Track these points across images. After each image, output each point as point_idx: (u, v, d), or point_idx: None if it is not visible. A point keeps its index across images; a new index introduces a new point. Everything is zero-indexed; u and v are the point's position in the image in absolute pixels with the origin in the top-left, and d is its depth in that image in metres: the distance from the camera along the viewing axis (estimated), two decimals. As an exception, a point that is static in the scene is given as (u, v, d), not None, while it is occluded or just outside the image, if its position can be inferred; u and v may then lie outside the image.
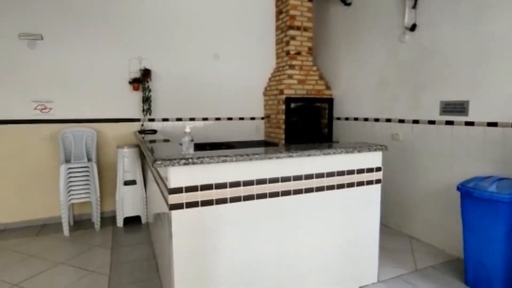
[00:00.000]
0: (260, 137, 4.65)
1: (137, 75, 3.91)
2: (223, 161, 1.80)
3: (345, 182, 2.23)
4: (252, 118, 4.60)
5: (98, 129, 3.79)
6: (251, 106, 4.57)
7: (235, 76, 4.42)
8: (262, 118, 4.66)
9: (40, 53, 3.56)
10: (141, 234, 3.44)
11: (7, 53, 3.45)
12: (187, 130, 1.85)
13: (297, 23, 4.24)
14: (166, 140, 2.97)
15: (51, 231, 3.50)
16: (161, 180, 2.06)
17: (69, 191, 3.40)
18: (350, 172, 2.24)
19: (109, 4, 3.79)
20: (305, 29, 4.30)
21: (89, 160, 3.63)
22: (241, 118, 4.52)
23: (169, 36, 4.07)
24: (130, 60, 3.91)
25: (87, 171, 3.48)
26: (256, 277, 2.00)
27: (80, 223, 3.72)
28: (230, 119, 4.45)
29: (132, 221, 3.71)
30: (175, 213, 1.77)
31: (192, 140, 1.84)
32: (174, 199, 1.76)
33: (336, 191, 2.20)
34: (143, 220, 3.73)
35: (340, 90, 4.27)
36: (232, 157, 1.82)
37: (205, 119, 4.31)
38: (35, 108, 3.59)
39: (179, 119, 4.19)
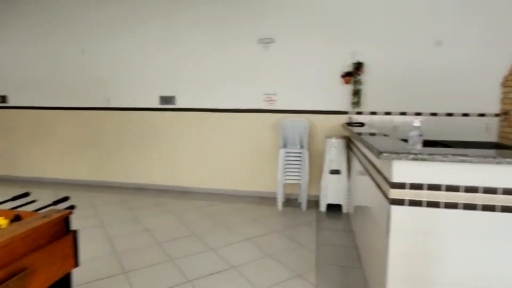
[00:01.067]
0: (490, 138, 3.78)
1: (349, 68, 4.01)
2: (461, 161, 1.57)
3: None
4: (481, 115, 3.79)
5: (309, 120, 4.18)
6: (481, 99, 3.77)
7: (460, 64, 3.76)
8: (496, 115, 3.76)
9: (270, 54, 4.27)
10: (342, 222, 3.57)
11: (250, 56, 4.33)
12: (417, 124, 1.73)
13: None
14: (372, 134, 2.91)
15: (268, 203, 4.19)
16: (378, 173, 2.03)
17: (285, 172, 3.95)
18: None
19: (330, 5, 4.04)
20: None
21: (302, 147, 4.07)
22: (465, 114, 3.82)
23: (381, 26, 3.93)
24: (343, 55, 4.04)
25: (300, 156, 3.92)
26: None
27: (289, 202, 4.27)
28: (449, 114, 3.85)
29: (333, 208, 3.91)
30: (395, 209, 1.71)
31: (421, 135, 1.71)
32: (395, 194, 1.70)
33: None
34: (344, 210, 3.85)
35: None
36: (472, 158, 1.56)
37: (418, 114, 3.91)
38: (263, 100, 4.36)
39: (387, 113, 4.01)
